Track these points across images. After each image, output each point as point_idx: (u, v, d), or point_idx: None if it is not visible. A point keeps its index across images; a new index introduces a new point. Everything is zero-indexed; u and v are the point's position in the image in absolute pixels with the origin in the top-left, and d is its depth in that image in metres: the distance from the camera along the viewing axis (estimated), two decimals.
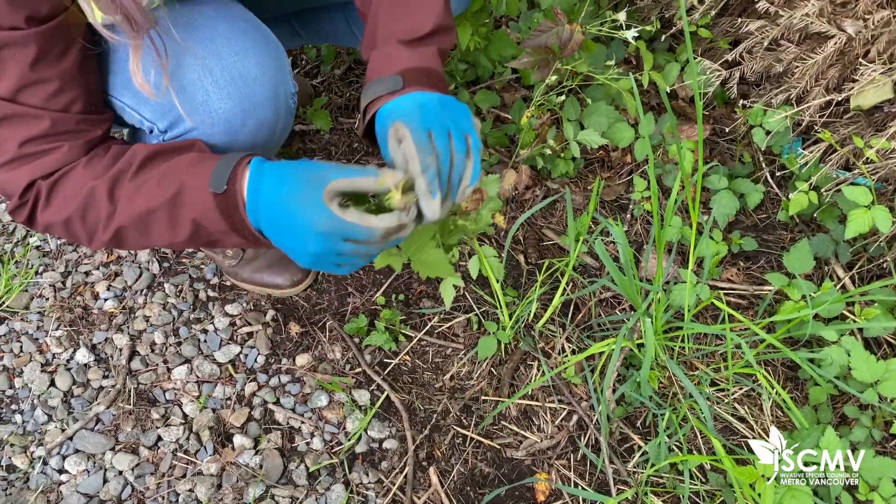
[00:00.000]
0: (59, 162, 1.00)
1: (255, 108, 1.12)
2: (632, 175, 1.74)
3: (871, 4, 1.31)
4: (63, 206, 1.00)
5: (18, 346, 1.55)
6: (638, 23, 1.74)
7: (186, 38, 1.06)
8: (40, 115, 0.96)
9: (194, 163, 0.99)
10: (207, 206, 0.95)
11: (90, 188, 0.99)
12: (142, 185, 0.98)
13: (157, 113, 1.09)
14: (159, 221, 0.99)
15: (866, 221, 1.28)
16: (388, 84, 0.99)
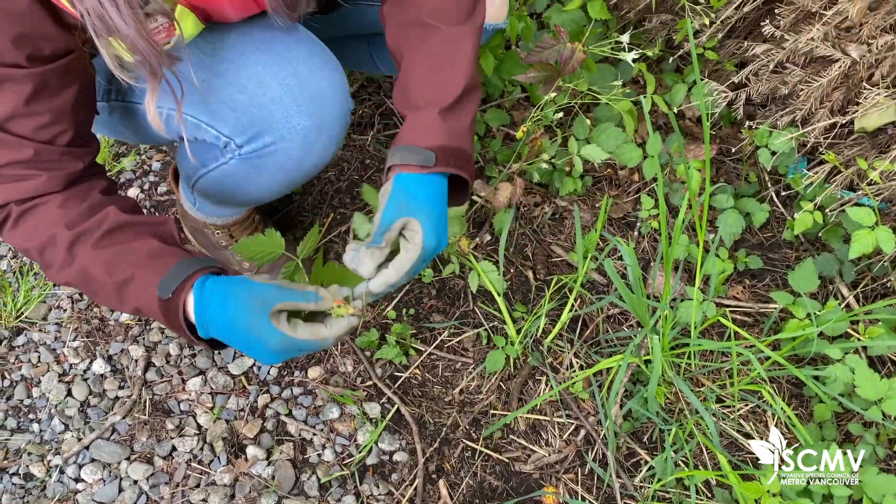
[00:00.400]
0: (35, 190, 1.02)
1: (328, 125, 1.19)
2: (639, 193, 1.77)
3: (874, 29, 1.34)
4: (27, 236, 1.04)
5: (37, 356, 1.58)
6: (645, 44, 1.78)
7: (267, 60, 1.12)
8: (25, 145, 0.98)
9: (151, 256, 1.03)
10: (152, 303, 1.00)
11: (53, 234, 1.02)
12: (97, 258, 1.02)
13: (235, 129, 1.15)
14: (106, 294, 1.04)
15: (870, 242, 1.30)
16: (419, 157, 1.05)
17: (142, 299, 1.01)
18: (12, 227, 1.04)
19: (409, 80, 1.14)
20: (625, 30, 1.82)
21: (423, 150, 1.05)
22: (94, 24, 0.81)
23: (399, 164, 1.06)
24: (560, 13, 1.70)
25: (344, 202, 1.80)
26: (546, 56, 1.49)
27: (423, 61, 1.13)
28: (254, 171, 1.23)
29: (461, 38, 1.15)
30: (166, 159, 1.96)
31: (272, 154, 1.18)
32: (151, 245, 1.04)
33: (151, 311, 1.02)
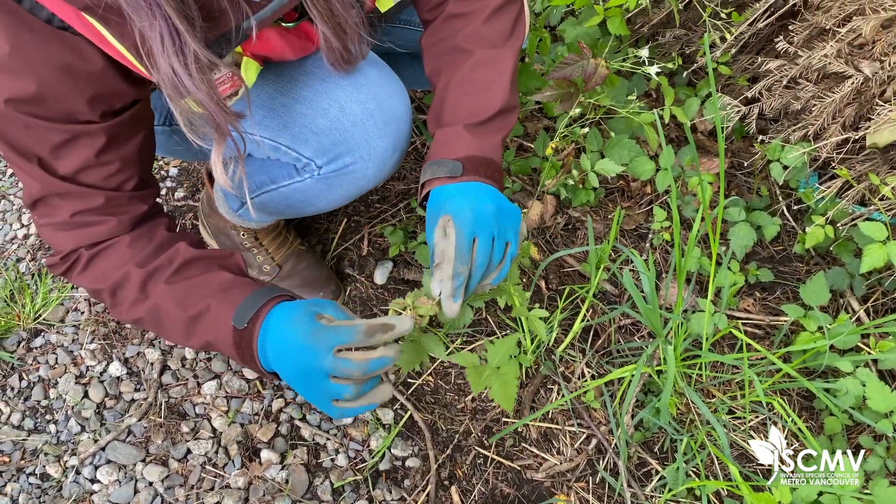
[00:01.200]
0: (104, 234, 1.05)
1: (401, 143, 1.25)
2: (651, 205, 1.79)
3: (887, 47, 1.36)
4: (98, 278, 1.06)
5: (54, 357, 1.60)
6: (659, 58, 1.80)
7: (346, 85, 1.17)
8: (95, 194, 1.01)
9: (225, 288, 1.03)
10: (226, 334, 0.99)
11: (126, 273, 1.04)
12: (170, 293, 1.03)
13: (317, 151, 1.19)
14: (176, 329, 1.04)
15: (881, 256, 1.32)
16: (447, 168, 1.08)
17: (214, 331, 1.00)
18: (82, 271, 1.07)
19: (442, 103, 1.17)
20: (637, 44, 1.84)
21: (450, 161, 1.08)
22: (168, 91, 0.84)
23: (430, 178, 1.09)
24: (574, 27, 1.72)
25: (358, 210, 1.82)
26: (570, 72, 1.51)
27: (456, 85, 1.17)
28: (327, 188, 1.27)
29: (497, 60, 1.19)
30: (183, 165, 1.99)
31: (350, 173, 1.23)
32: (223, 277, 1.05)
33: (223, 343, 1.00)
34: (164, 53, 0.79)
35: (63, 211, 1.02)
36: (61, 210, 1.02)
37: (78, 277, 1.08)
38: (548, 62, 1.78)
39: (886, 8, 1.29)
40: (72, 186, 0.99)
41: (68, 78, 0.88)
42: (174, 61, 0.79)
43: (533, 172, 1.84)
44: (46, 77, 0.87)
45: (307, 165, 1.24)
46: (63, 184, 0.99)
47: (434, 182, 1.09)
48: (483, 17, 1.20)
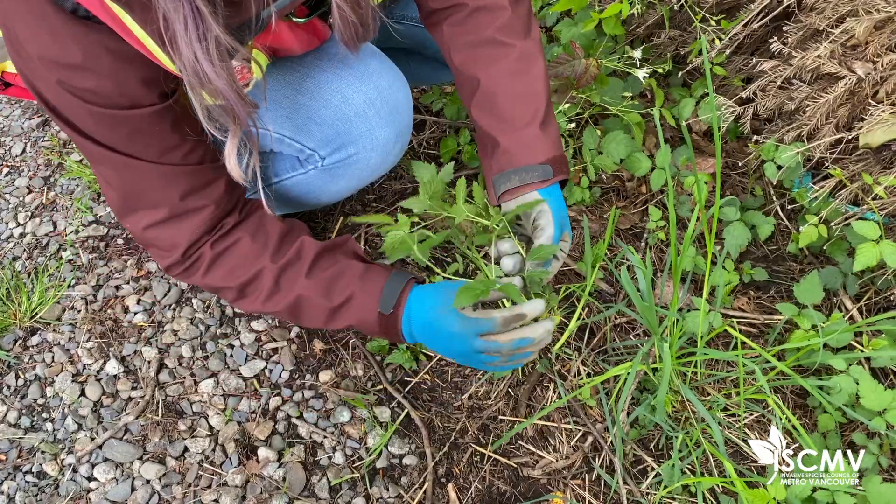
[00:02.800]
0: (212, 216, 1.10)
1: (403, 133, 1.28)
2: (646, 205, 1.80)
3: (880, 48, 1.37)
4: (227, 277, 1.13)
5: (51, 356, 1.60)
6: (654, 58, 1.81)
7: (347, 76, 1.18)
8: (184, 171, 1.05)
9: (362, 276, 1.16)
10: (371, 319, 1.15)
11: (258, 270, 1.13)
12: (313, 286, 1.14)
13: (320, 142, 1.21)
14: (317, 316, 1.17)
15: (874, 255, 1.33)
16: (539, 173, 1.16)
17: (359, 316, 1.15)
18: (208, 271, 1.13)
19: (495, 99, 1.19)
20: (633, 44, 1.85)
21: (538, 166, 1.16)
22: (189, 79, 0.85)
23: (519, 185, 1.16)
24: (570, 27, 1.74)
25: (355, 210, 1.83)
26: (562, 71, 1.52)
27: (507, 79, 1.19)
28: (330, 179, 1.29)
29: (533, 51, 1.22)
30: None
31: (353, 164, 1.24)
32: (356, 266, 1.18)
33: (368, 325, 1.17)
34: (187, 38, 0.80)
35: (163, 204, 1.06)
36: (161, 202, 1.06)
37: (204, 277, 1.13)
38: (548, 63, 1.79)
39: (879, 9, 1.31)
40: (161, 167, 1.03)
41: (121, 62, 0.90)
42: (196, 47, 0.80)
43: None
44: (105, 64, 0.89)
45: (311, 157, 1.25)
46: (153, 166, 1.02)
47: (525, 188, 1.16)
48: (509, 10, 1.21)
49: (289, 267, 1.14)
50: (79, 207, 1.88)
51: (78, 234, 1.83)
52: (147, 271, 1.74)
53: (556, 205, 1.16)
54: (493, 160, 1.20)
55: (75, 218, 1.86)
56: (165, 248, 1.11)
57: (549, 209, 1.14)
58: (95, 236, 1.82)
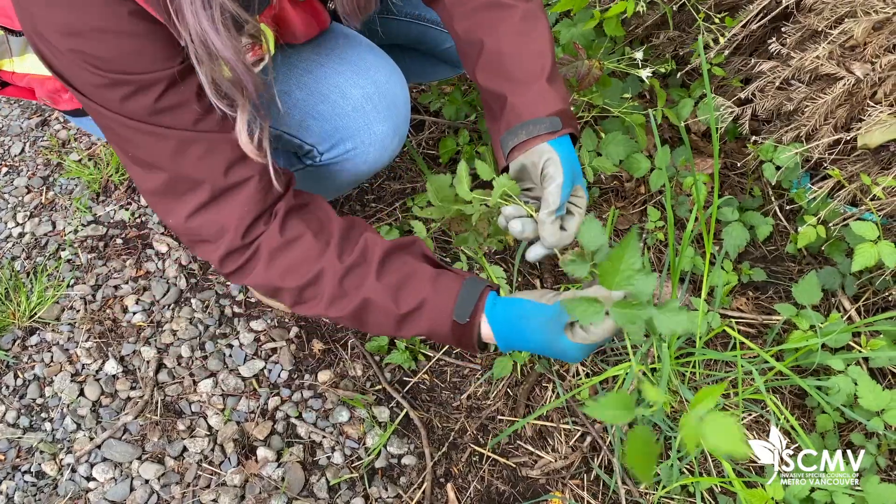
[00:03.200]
0: (261, 190, 1.00)
1: (401, 127, 1.26)
2: (645, 205, 1.80)
3: (878, 49, 1.37)
4: (285, 276, 1.03)
5: (49, 356, 1.60)
6: (653, 59, 1.81)
7: (345, 71, 1.17)
8: (222, 140, 0.96)
9: (434, 279, 1.06)
10: (444, 327, 1.05)
11: (319, 271, 1.03)
12: (382, 290, 1.04)
13: (318, 137, 1.20)
14: (384, 323, 1.07)
15: (873, 255, 1.33)
16: (548, 125, 1.10)
17: (433, 322, 1.05)
18: (266, 266, 1.02)
19: (501, 58, 1.16)
20: (632, 45, 1.85)
21: (547, 118, 1.11)
22: (196, 50, 0.83)
23: (527, 139, 1.10)
24: (570, 28, 1.74)
25: (354, 210, 1.83)
26: (564, 72, 1.52)
27: (512, 38, 1.16)
28: (328, 174, 1.28)
29: (536, 11, 1.20)
30: None
31: (351, 159, 1.24)
32: (426, 270, 1.08)
33: (440, 335, 1.07)
34: (193, 7, 0.78)
35: (206, 180, 0.96)
36: (203, 179, 0.96)
37: (263, 273, 1.03)
38: None
39: (878, 10, 1.31)
40: (197, 135, 0.94)
41: (141, 23, 0.86)
42: (202, 15, 0.79)
43: None
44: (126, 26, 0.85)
45: (309, 152, 1.25)
46: (187, 133, 0.94)
47: (533, 141, 1.11)
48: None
49: (354, 268, 1.05)
50: (78, 207, 1.88)
51: (77, 233, 1.83)
52: (146, 271, 1.74)
53: (566, 154, 1.12)
54: (500, 120, 1.17)
55: (74, 218, 1.86)
56: (214, 235, 1.00)
57: (558, 156, 1.09)
58: (94, 236, 1.82)
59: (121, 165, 1.95)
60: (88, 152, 2.03)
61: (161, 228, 1.83)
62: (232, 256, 1.02)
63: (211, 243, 1.01)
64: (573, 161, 1.13)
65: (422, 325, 1.06)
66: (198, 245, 1.04)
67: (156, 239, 1.80)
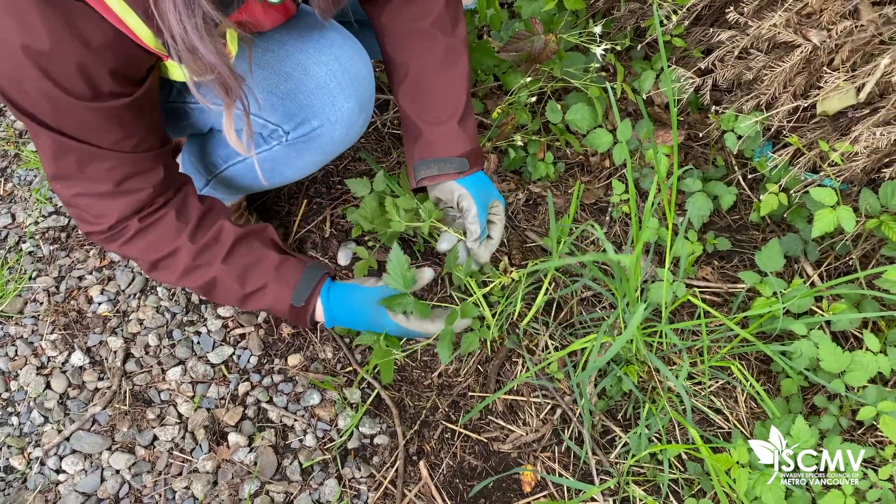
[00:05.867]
0: (147, 199, 1.14)
1: (366, 104, 1.28)
2: (610, 179, 1.81)
3: (834, 15, 1.38)
4: (145, 249, 1.17)
5: (13, 349, 1.58)
6: (614, 32, 1.81)
7: (307, 48, 1.19)
8: (133, 158, 1.08)
9: (277, 268, 1.26)
10: (283, 307, 1.28)
11: (176, 247, 1.18)
12: (229, 271, 1.21)
13: (283, 116, 1.21)
14: (229, 298, 1.25)
15: (832, 221, 1.35)
16: (455, 165, 1.33)
17: (270, 303, 1.27)
18: (129, 241, 1.16)
19: (422, 92, 1.33)
20: (594, 17, 1.85)
21: (455, 159, 1.33)
22: (181, 54, 0.86)
23: (438, 174, 1.33)
24: (531, 3, 1.73)
25: (320, 192, 1.82)
26: (521, 47, 1.52)
27: (434, 72, 1.32)
28: (295, 154, 1.29)
29: (459, 47, 1.34)
30: None
31: (318, 137, 1.25)
32: (272, 257, 1.26)
33: (278, 311, 1.29)
34: (177, 13, 0.81)
35: (104, 182, 1.08)
36: (102, 180, 1.08)
37: (124, 247, 1.17)
38: (504, 38, 1.78)
39: None
40: (114, 154, 1.05)
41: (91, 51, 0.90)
42: (186, 22, 0.82)
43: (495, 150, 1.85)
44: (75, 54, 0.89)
45: (274, 132, 1.24)
46: (104, 152, 1.04)
47: (443, 177, 1.34)
48: (443, 3, 1.31)
49: (206, 249, 1.19)
50: (38, 198, 1.84)
51: (38, 225, 1.80)
52: (110, 261, 1.72)
53: (476, 188, 1.34)
54: (415, 147, 1.35)
55: (34, 209, 1.83)
56: (92, 216, 1.13)
57: (467, 191, 1.33)
58: (56, 227, 1.79)
59: None
60: None
61: None
62: (100, 234, 1.16)
63: (87, 219, 1.14)
64: (482, 188, 1.36)
65: (263, 304, 1.26)
66: (71, 210, 1.16)
67: None
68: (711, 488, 1.33)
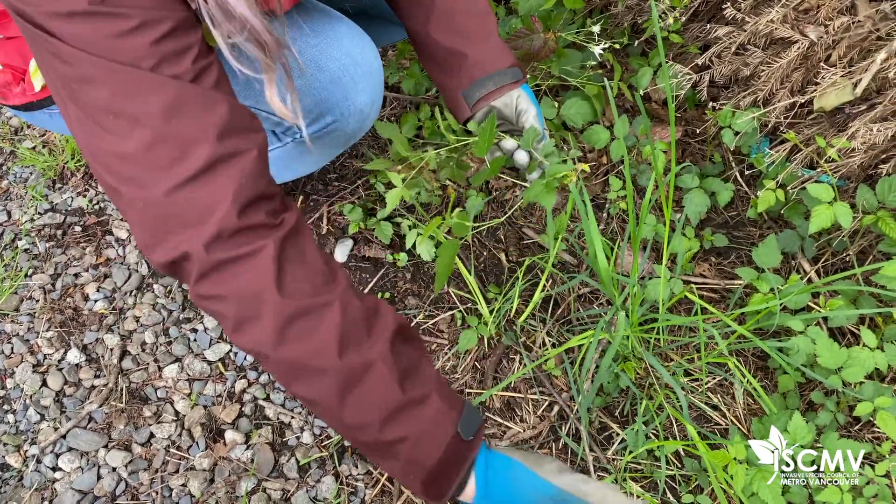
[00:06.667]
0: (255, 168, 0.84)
1: (377, 97, 1.28)
2: (608, 175, 1.80)
3: (831, 11, 1.38)
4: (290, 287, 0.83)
5: (9, 347, 1.57)
6: (612, 28, 1.81)
7: (319, 44, 1.17)
8: (224, 100, 0.84)
9: (442, 384, 0.96)
10: (441, 438, 0.91)
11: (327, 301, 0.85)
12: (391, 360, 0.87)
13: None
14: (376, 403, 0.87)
15: (829, 217, 1.35)
16: (510, 76, 1.26)
17: (429, 427, 0.90)
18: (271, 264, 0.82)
19: (453, 18, 1.26)
20: (592, 14, 1.85)
21: (508, 70, 1.26)
22: (211, 11, 0.78)
23: (496, 88, 1.25)
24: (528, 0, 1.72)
25: (316, 189, 1.81)
26: (519, 45, 1.52)
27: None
28: (308, 150, 1.27)
29: None
30: None
31: (332, 132, 1.25)
32: (433, 369, 0.95)
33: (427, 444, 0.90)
34: None
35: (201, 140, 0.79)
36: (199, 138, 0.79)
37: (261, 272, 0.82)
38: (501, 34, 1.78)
39: None
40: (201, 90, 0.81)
41: None
42: None
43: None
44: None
45: (289, 129, 1.24)
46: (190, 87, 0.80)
47: (503, 89, 1.26)
48: None
49: (370, 318, 0.88)
50: (33, 196, 1.84)
51: (34, 222, 1.79)
52: (106, 258, 1.71)
53: (531, 94, 1.28)
54: (461, 74, 1.27)
55: (30, 206, 1.82)
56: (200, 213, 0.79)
57: (525, 93, 1.26)
58: (52, 224, 1.78)
59: (77, 152, 1.91)
60: (42, 139, 1.98)
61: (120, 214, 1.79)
62: (224, 242, 0.80)
63: (193, 227, 0.80)
64: (536, 100, 1.28)
65: (418, 424, 0.89)
66: (172, 232, 0.81)
67: (115, 225, 1.77)
68: (709, 485, 1.33)
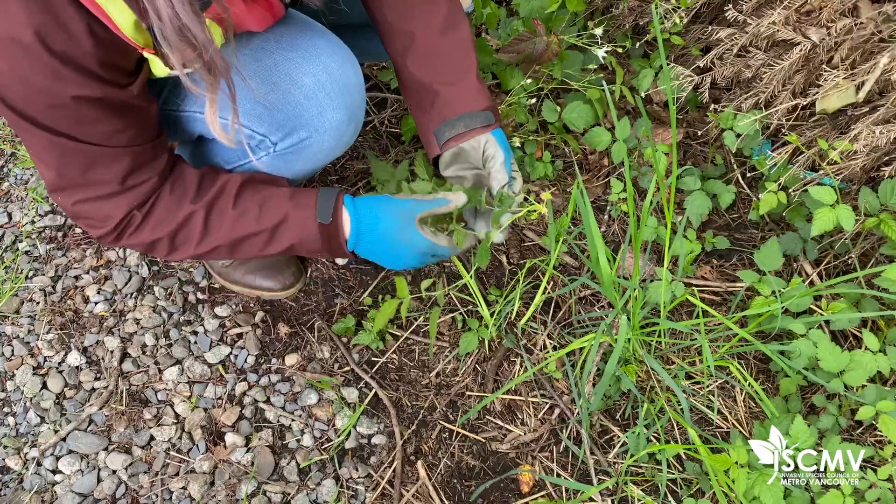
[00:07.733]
0: (151, 189, 1.11)
1: (356, 113, 1.27)
2: (609, 178, 1.80)
3: (833, 13, 1.38)
4: (154, 229, 1.13)
5: (10, 349, 1.57)
6: (613, 30, 1.81)
7: (295, 58, 1.17)
8: (130, 152, 1.06)
9: (291, 197, 1.19)
10: (311, 233, 1.18)
11: (186, 214, 1.13)
12: (243, 214, 1.16)
13: (271, 127, 1.19)
14: (255, 243, 1.18)
15: (831, 220, 1.34)
16: (482, 119, 1.25)
17: (299, 232, 1.18)
18: (137, 230, 1.13)
19: (433, 54, 1.27)
20: (593, 15, 1.84)
21: (480, 112, 1.25)
22: (166, 35, 0.82)
23: (465, 131, 1.25)
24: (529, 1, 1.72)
25: None
26: (522, 48, 1.51)
27: (441, 33, 1.27)
28: (283, 164, 1.27)
29: (457, 8, 1.29)
30: None
31: (306, 148, 1.23)
32: (283, 189, 1.20)
33: (309, 241, 1.19)
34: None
35: (105, 183, 1.06)
36: (103, 181, 1.06)
37: (132, 237, 1.14)
38: (503, 36, 1.78)
39: None
40: (114, 150, 1.03)
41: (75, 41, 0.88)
42: (176, 2, 0.79)
43: None
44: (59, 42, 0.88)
45: (262, 142, 1.22)
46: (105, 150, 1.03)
47: (471, 133, 1.25)
48: None
49: (215, 203, 1.15)
50: (34, 198, 1.84)
51: (34, 224, 1.79)
52: (107, 260, 1.71)
53: (502, 140, 1.27)
54: (433, 112, 1.28)
55: (31, 208, 1.82)
56: (100, 220, 1.11)
57: (493, 138, 1.25)
58: (52, 226, 1.78)
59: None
60: None
61: None
62: (110, 236, 1.13)
63: (94, 224, 1.12)
64: (505, 142, 1.28)
65: (290, 236, 1.18)
66: (78, 221, 1.14)
67: None
68: (710, 488, 1.32)
